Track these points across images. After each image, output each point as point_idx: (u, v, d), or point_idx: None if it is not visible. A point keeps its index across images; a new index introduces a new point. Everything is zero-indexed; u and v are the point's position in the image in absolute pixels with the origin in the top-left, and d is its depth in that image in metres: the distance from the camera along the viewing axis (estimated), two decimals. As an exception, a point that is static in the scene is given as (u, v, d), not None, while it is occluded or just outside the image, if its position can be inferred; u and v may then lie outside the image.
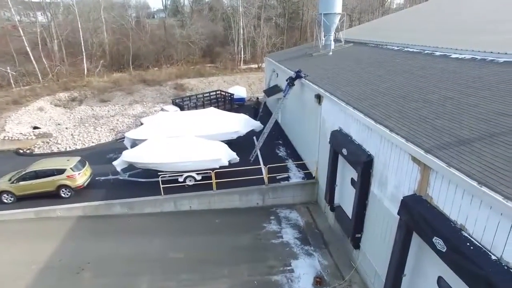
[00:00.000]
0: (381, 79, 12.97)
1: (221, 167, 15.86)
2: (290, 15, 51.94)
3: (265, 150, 18.82)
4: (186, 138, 16.55)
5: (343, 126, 11.97)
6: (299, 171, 16.91)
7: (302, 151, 18.45)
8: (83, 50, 35.28)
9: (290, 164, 17.87)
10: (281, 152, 19.62)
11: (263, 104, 25.49)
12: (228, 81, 36.18)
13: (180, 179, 15.92)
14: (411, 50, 16.60)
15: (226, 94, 25.82)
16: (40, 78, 32.59)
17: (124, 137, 18.89)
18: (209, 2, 56.65)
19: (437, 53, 14.57)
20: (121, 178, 16.52)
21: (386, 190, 9.04)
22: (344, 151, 11.22)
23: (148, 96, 30.41)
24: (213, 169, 15.89)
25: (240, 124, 19.30)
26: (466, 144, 6.78)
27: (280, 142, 21.11)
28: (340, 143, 11.70)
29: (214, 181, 15.13)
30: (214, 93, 26.47)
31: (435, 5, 25.55)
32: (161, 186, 14.99)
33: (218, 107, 24.33)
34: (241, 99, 29.29)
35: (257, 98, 25.81)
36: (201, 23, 43.04)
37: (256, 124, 20.12)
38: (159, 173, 16.11)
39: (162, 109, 23.37)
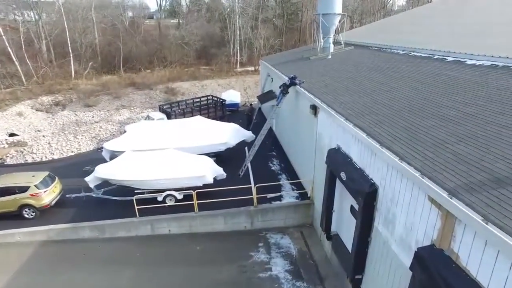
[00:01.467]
0: (385, 89, 11.23)
1: (205, 185, 14.15)
2: (289, 16, 50.29)
3: (256, 163, 17.07)
4: (167, 152, 14.82)
5: (342, 144, 10.23)
6: (293, 189, 15.16)
7: (297, 165, 16.70)
8: (70, 51, 33.57)
9: (284, 180, 16.12)
10: (274, 165, 17.87)
11: (258, 110, 23.76)
12: (223, 84, 34.48)
13: (159, 198, 14.20)
14: (419, 54, 14.88)
15: (218, 100, 24.10)
16: (24, 80, 30.92)
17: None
18: (207, 3, 55.08)
19: (449, 59, 12.85)
20: (94, 195, 14.79)
21: (394, 230, 7.28)
22: (343, 175, 9.48)
23: (137, 100, 28.72)
24: (196, 188, 14.22)
25: (229, 134, 17.56)
26: (507, 185, 5.03)
27: (274, 153, 19.36)
28: (338, 164, 9.96)
29: (195, 202, 13.38)
30: (205, 98, 24.76)
31: (443, 5, 23.83)
32: (136, 207, 13.24)
33: (209, 114, 22.62)
34: (235, 105, 27.56)
35: (251, 104, 24.11)
36: (195, 24, 41.36)
37: (247, 134, 18.38)
38: (136, 191, 14.45)
39: (148, 116, 21.69)
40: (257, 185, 13.77)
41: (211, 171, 14.48)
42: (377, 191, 7.99)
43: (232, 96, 28.41)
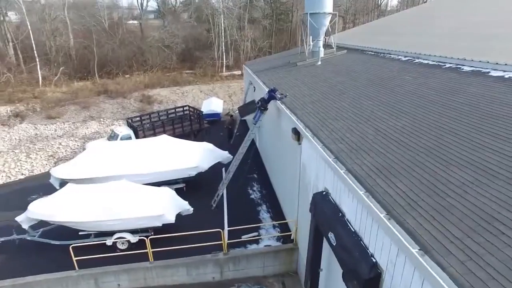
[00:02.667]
0: (389, 111, 8.59)
1: (166, 225, 11.44)
2: (279, 16, 47.64)
3: (234, 189, 14.38)
4: (118, 184, 12.01)
5: (331, 190, 7.56)
6: (274, 226, 12.49)
7: (280, 196, 14.00)
8: (36, 55, 30.49)
9: (264, 213, 13.44)
10: (255, 192, 15.17)
11: (239, 121, 21.04)
12: (206, 91, 31.72)
13: (109, 242, 11.45)
14: (425, 62, 12.31)
15: (195, 111, 21.35)
16: (-18, 88, 27.87)
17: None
18: (196, 2, 52.22)
19: (466, 68, 10.28)
20: (28, 238, 11.95)
21: None
22: (332, 237, 6.82)
23: (108, 110, 25.82)
24: (154, 228, 11.53)
25: (201, 156, 14.82)
26: None
27: (255, 176, 16.65)
28: (326, 219, 7.30)
29: (149, 250, 10.61)
30: (181, 109, 21.99)
31: (448, 2, 21.32)
32: (74, 258, 10.42)
33: (183, 127, 19.84)
34: (215, 115, 24.81)
35: (231, 116, 21.40)
36: (176, 25, 38.47)
37: (223, 155, 15.67)
38: (81, 233, 11.69)
39: (112, 132, 18.86)
40: (229, 228, 11.07)
41: (172, 207, 11.76)
42: (381, 278, 5.34)
43: (214, 104, 25.68)
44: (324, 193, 7.94)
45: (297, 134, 9.99)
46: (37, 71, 30.81)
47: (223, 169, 16.69)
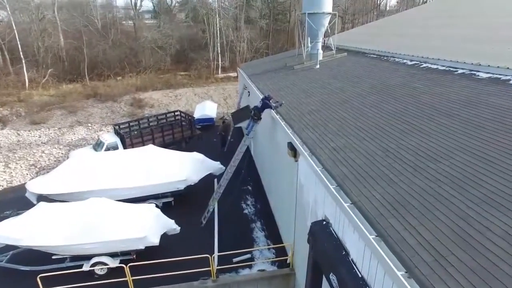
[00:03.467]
0: (401, 127, 7.48)
1: (148, 248, 10.32)
2: (276, 16, 46.54)
3: (226, 203, 13.22)
4: (96, 203, 10.85)
5: (333, 220, 6.46)
6: (269, 247, 11.39)
7: (276, 212, 12.88)
8: (22, 56, 29.21)
9: (258, 232, 12.33)
10: (249, 206, 14.05)
11: (233, 127, 19.90)
12: (200, 93, 30.56)
13: (85, 267, 10.28)
14: (434, 67, 11.23)
15: (187, 117, 20.19)
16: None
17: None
18: (194, 2, 51.00)
19: (482, 75, 9.22)
20: (-5, 263, 10.79)
21: None
22: (334, 280, 5.72)
23: (96, 115, 24.62)
24: (136, 251, 10.43)
25: (190, 168, 13.68)
26: None
27: (249, 187, 15.53)
28: (326, 256, 6.21)
29: (129, 279, 9.46)
30: (172, 114, 20.83)
31: (453, 2, 20.26)
32: (43, 289, 9.24)
33: (173, 135, 18.69)
34: (209, 120, 23.67)
35: (224, 121, 20.26)
36: (170, 26, 37.27)
37: (214, 167, 14.54)
38: (54, 257, 10.55)
39: (98, 140, 17.68)
40: (220, 254, 9.95)
41: (157, 227, 10.63)
42: None
43: (207, 108, 24.53)
44: (324, 222, 6.84)
45: (293, 150, 8.89)
46: (24, 73, 29.53)
47: (215, 180, 15.60)
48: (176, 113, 20.97)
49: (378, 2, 60.11)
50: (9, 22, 29.87)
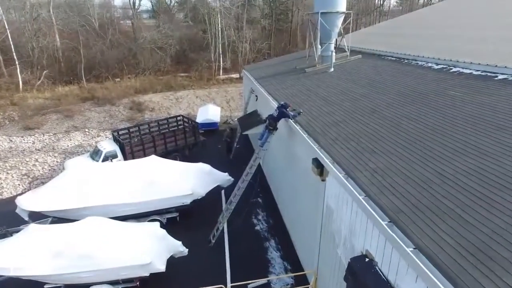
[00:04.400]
0: (448, 143, 6.43)
1: (152, 275, 9.23)
2: (278, 16, 45.45)
3: (235, 218, 12.14)
4: (93, 223, 9.72)
5: (380, 259, 5.39)
6: (285, 268, 10.33)
7: (293, 232, 11.76)
8: (15, 56, 27.90)
9: (273, 251, 11.27)
10: (260, 222, 12.98)
11: (239, 134, 18.77)
12: (202, 96, 29.42)
13: (83, 296, 9.17)
14: (467, 71, 10.24)
15: (190, 122, 19.06)
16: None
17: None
18: (193, 2, 49.82)
19: (530, 83, 8.18)
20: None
21: None
22: None
23: (94, 120, 23.42)
24: (139, 279, 9.34)
25: (196, 181, 12.59)
26: None
27: (260, 200, 14.45)
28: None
29: (132, 313, 8.37)
30: (174, 119, 19.68)
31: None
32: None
33: (176, 141, 17.54)
34: (213, 124, 22.56)
35: (231, 129, 19.14)
36: (170, 26, 36.06)
37: (222, 178, 13.48)
38: (46, 286, 9.44)
39: (96, 148, 16.51)
40: (234, 284, 8.86)
41: (162, 251, 9.53)
42: None
43: (210, 112, 23.42)
44: (367, 259, 5.77)
45: (319, 167, 7.81)
46: (17, 74, 28.23)
47: (222, 191, 14.57)
48: (178, 118, 19.84)
49: (380, 2, 59.19)
50: (1, 21, 28.56)
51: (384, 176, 6.00)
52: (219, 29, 35.11)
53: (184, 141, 17.79)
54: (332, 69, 15.00)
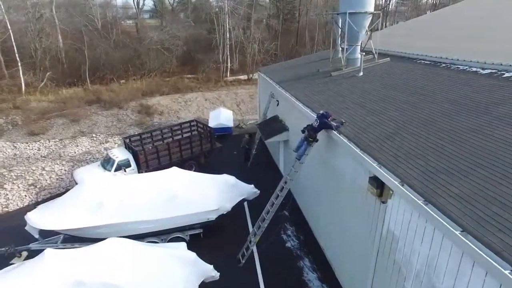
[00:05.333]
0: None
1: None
2: (285, 16, 44.55)
3: (263, 233, 11.23)
4: (115, 245, 8.74)
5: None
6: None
7: (331, 250, 10.80)
8: (18, 58, 26.81)
9: (308, 271, 10.35)
10: (290, 238, 12.07)
11: (258, 140, 17.87)
12: (211, 99, 28.48)
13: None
14: (525, 78, 9.31)
15: (205, 127, 18.13)
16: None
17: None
18: (193, 2, 48.90)
19: None
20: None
21: None
22: None
23: (101, 124, 22.42)
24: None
25: (222, 195, 11.67)
26: None
27: (286, 213, 13.51)
28: None
29: None
30: (188, 124, 18.72)
31: None
32: None
33: (192, 148, 16.58)
34: (226, 129, 21.64)
35: (249, 135, 18.16)
36: (177, 26, 35.08)
37: (248, 191, 12.57)
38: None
39: (106, 156, 15.52)
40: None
41: (194, 278, 8.58)
42: None
43: (223, 117, 22.48)
44: (462, 306, 4.86)
45: (379, 188, 6.91)
46: (20, 76, 27.15)
47: (245, 203, 13.64)
48: (192, 123, 18.89)
49: (382, 2, 58.13)
50: (3, 21, 27.46)
51: (476, 205, 5.10)
52: (228, 29, 34.13)
53: (200, 148, 16.84)
54: (361, 73, 14.10)
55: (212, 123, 21.05)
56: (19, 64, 26.72)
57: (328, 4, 42.95)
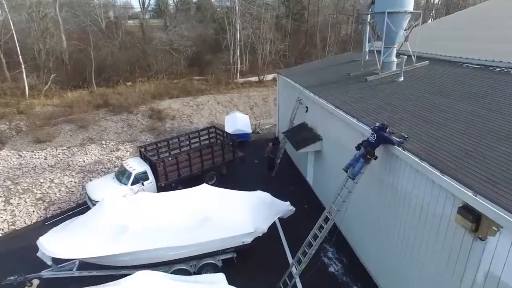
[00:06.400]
0: None
1: None
2: (294, 16, 43.37)
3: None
4: (147, 280, 7.53)
5: None
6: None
7: (386, 280, 9.60)
8: (21, 60, 25.50)
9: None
10: (332, 262, 10.85)
11: (283, 149, 16.68)
12: (223, 102, 27.28)
13: None
14: None
15: (224, 135, 16.94)
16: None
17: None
18: (196, 2, 47.67)
19: None
20: None
21: None
22: None
23: (110, 130, 21.17)
24: None
25: (258, 215, 10.47)
26: None
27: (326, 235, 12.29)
28: None
29: None
30: (206, 131, 17.52)
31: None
32: None
33: (213, 159, 15.35)
34: (245, 135, 20.41)
35: (273, 143, 16.93)
36: (186, 25, 33.86)
37: (284, 208, 11.42)
38: None
39: (121, 167, 14.31)
40: None
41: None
42: None
43: (240, 122, 21.25)
44: None
45: (475, 221, 5.74)
46: (23, 79, 25.86)
47: (277, 221, 12.41)
48: (210, 130, 17.70)
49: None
50: (5, 20, 26.17)
51: None
52: (239, 29, 32.90)
53: (222, 158, 15.63)
54: (402, 78, 12.92)
55: (229, 129, 19.82)
56: (23, 66, 25.40)
57: (338, 3, 41.71)
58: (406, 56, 12.92)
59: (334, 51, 39.56)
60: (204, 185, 11.17)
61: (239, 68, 34.22)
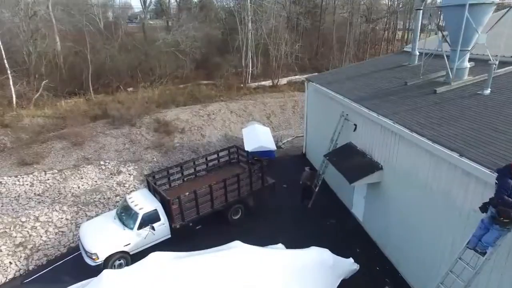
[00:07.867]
0: None
1: None
2: (305, 15, 40.37)
3: None
4: None
5: None
6: None
7: None
8: (7, 65, 22.33)
9: None
10: None
11: (322, 176, 13.61)
12: (237, 110, 24.27)
13: None
14: None
15: (249, 157, 13.94)
16: None
17: None
18: (200, 1, 44.67)
19: None
20: None
21: None
22: None
23: (110, 147, 18.10)
24: None
25: (317, 283, 7.45)
26: None
27: (387, 280, 9.29)
28: None
29: None
30: (227, 152, 14.49)
31: None
32: None
33: (240, 188, 12.23)
34: (269, 153, 17.24)
35: (310, 168, 13.88)
36: (193, 24, 30.80)
37: (345, 269, 8.45)
38: None
39: (125, 202, 11.29)
40: None
41: None
42: None
43: (261, 136, 18.07)
44: None
45: None
46: (10, 86, 22.74)
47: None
48: (231, 150, 14.69)
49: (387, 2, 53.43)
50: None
51: None
52: (251, 28, 29.83)
53: (249, 187, 12.58)
54: (489, 90, 9.90)
55: (249, 147, 16.70)
56: (9, 71, 22.30)
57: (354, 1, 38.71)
58: (497, 62, 9.91)
59: (352, 52, 36.60)
60: (237, 242, 8.09)
61: (250, 71, 31.16)
